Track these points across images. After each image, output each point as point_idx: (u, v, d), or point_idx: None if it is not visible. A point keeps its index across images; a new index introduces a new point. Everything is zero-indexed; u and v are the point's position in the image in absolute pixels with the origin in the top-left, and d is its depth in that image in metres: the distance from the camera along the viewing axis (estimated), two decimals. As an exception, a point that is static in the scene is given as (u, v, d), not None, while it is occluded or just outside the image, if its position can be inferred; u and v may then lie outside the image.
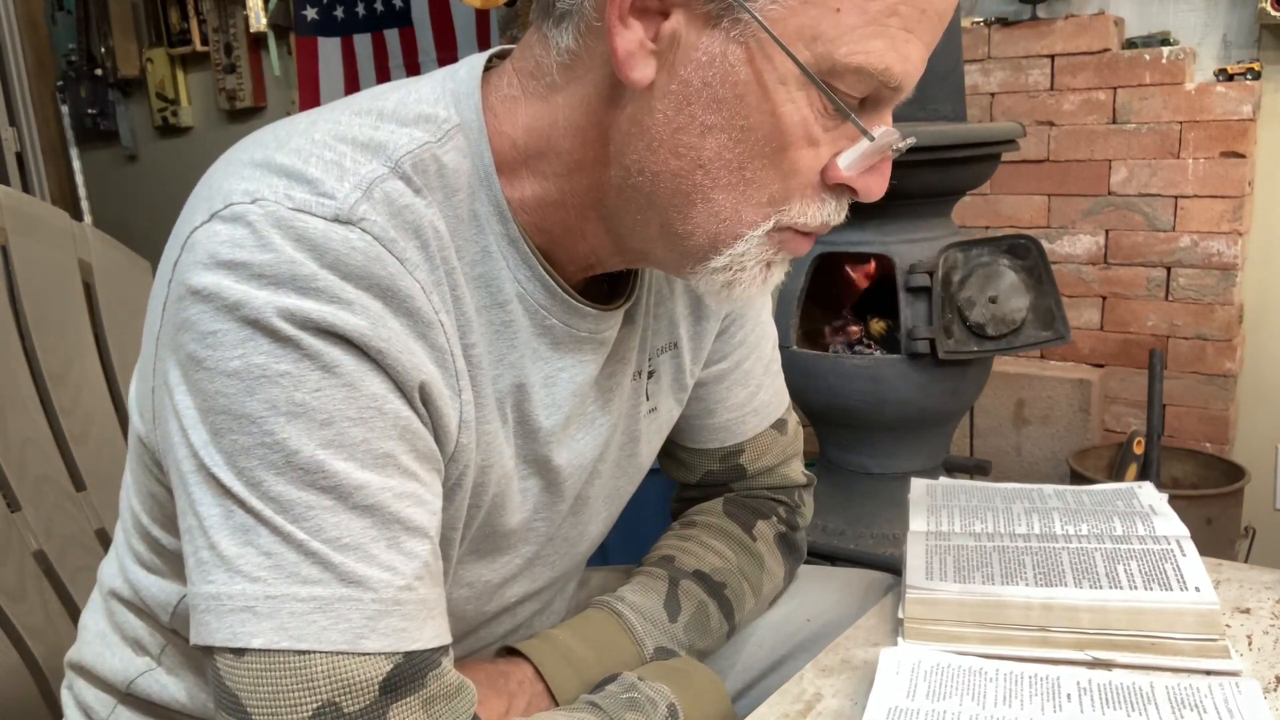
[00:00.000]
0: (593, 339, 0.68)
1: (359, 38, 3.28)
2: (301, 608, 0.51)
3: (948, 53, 1.75)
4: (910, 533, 0.88)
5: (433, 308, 0.56)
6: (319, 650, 0.51)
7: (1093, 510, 0.90)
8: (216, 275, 0.52)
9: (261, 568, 0.51)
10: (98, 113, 4.15)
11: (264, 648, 0.51)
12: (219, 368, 0.52)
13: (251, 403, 0.51)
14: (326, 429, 0.52)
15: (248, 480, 0.52)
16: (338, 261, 0.52)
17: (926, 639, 0.77)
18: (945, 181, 1.73)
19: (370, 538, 0.52)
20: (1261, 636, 0.79)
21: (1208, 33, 2.28)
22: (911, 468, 1.79)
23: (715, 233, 0.59)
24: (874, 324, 1.84)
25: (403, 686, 0.53)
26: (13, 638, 0.96)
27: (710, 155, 0.57)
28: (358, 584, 0.52)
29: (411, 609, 0.53)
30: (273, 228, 0.52)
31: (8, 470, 0.99)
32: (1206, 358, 2.30)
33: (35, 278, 1.06)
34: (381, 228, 0.54)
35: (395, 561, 0.53)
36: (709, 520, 0.88)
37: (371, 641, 0.52)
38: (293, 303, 0.51)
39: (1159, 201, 2.31)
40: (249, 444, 0.51)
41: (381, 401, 0.53)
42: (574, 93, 0.60)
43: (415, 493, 0.55)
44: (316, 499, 0.52)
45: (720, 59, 0.55)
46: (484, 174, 0.61)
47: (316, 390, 0.52)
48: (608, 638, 0.76)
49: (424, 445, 0.56)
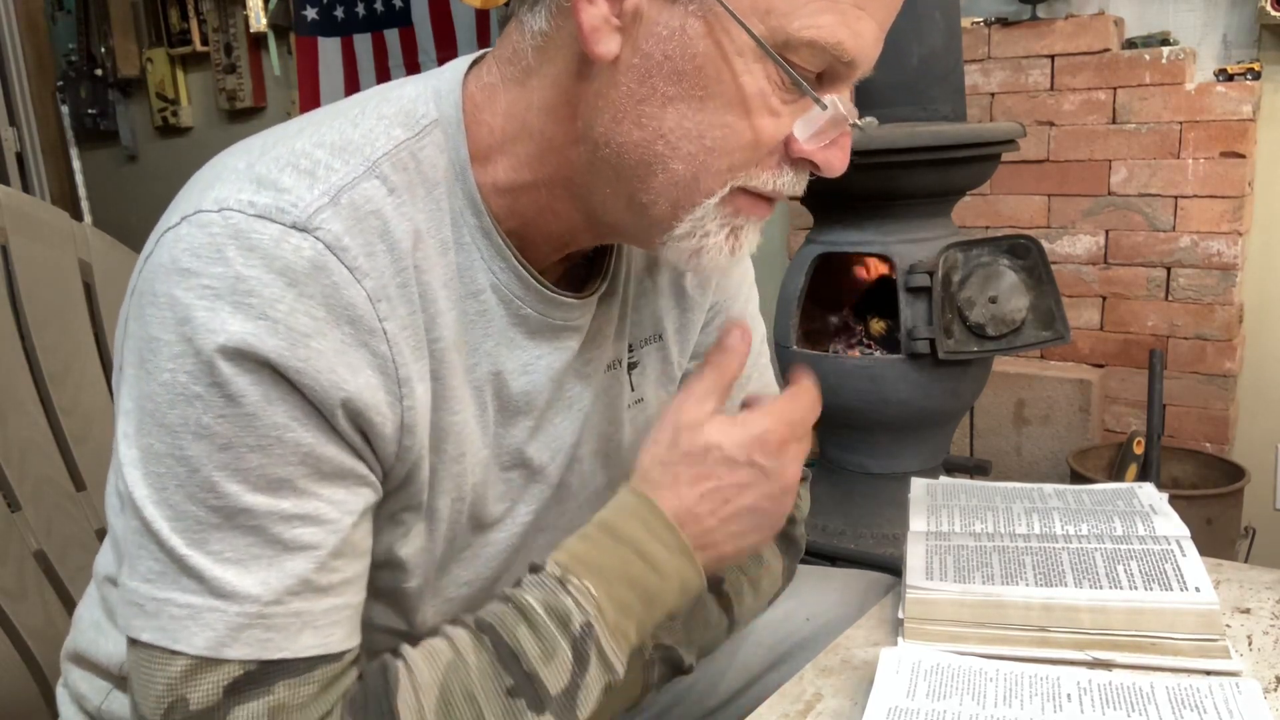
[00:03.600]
0: (568, 326, 0.70)
1: (359, 38, 3.28)
2: (179, 612, 0.56)
3: (948, 53, 1.75)
4: (910, 533, 0.88)
5: (377, 316, 0.58)
6: (186, 652, 0.55)
7: (1093, 510, 0.90)
8: (172, 283, 0.56)
9: (152, 571, 0.56)
10: (98, 113, 4.15)
11: (148, 642, 0.56)
12: (155, 375, 0.56)
13: (172, 415, 0.56)
14: (225, 453, 0.55)
15: (154, 484, 0.56)
16: (285, 268, 0.55)
17: (926, 639, 0.77)
18: (945, 181, 1.73)
19: (249, 555, 0.56)
20: (1261, 636, 0.79)
21: (1208, 33, 2.28)
22: (911, 468, 1.79)
23: (675, 199, 0.62)
24: (874, 324, 1.84)
25: (248, 691, 0.56)
26: (13, 638, 0.96)
27: (671, 125, 0.60)
28: (227, 597, 0.56)
29: (279, 622, 0.57)
30: (230, 239, 0.55)
31: (8, 470, 0.99)
32: (1206, 358, 2.30)
33: (35, 278, 1.06)
34: (335, 236, 0.57)
35: (269, 578, 0.56)
36: None
37: (232, 650, 0.56)
38: (222, 323, 0.54)
39: (1159, 201, 2.31)
40: (161, 451, 0.56)
41: (283, 430, 0.56)
42: (546, 73, 0.63)
43: (310, 512, 0.58)
44: (205, 515, 0.56)
45: (680, 32, 0.58)
46: (459, 168, 0.63)
47: (221, 416, 0.55)
48: None
49: (332, 466, 0.58)
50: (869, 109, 1.90)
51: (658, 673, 0.78)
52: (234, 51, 3.81)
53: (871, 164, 1.64)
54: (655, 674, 0.77)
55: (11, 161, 3.53)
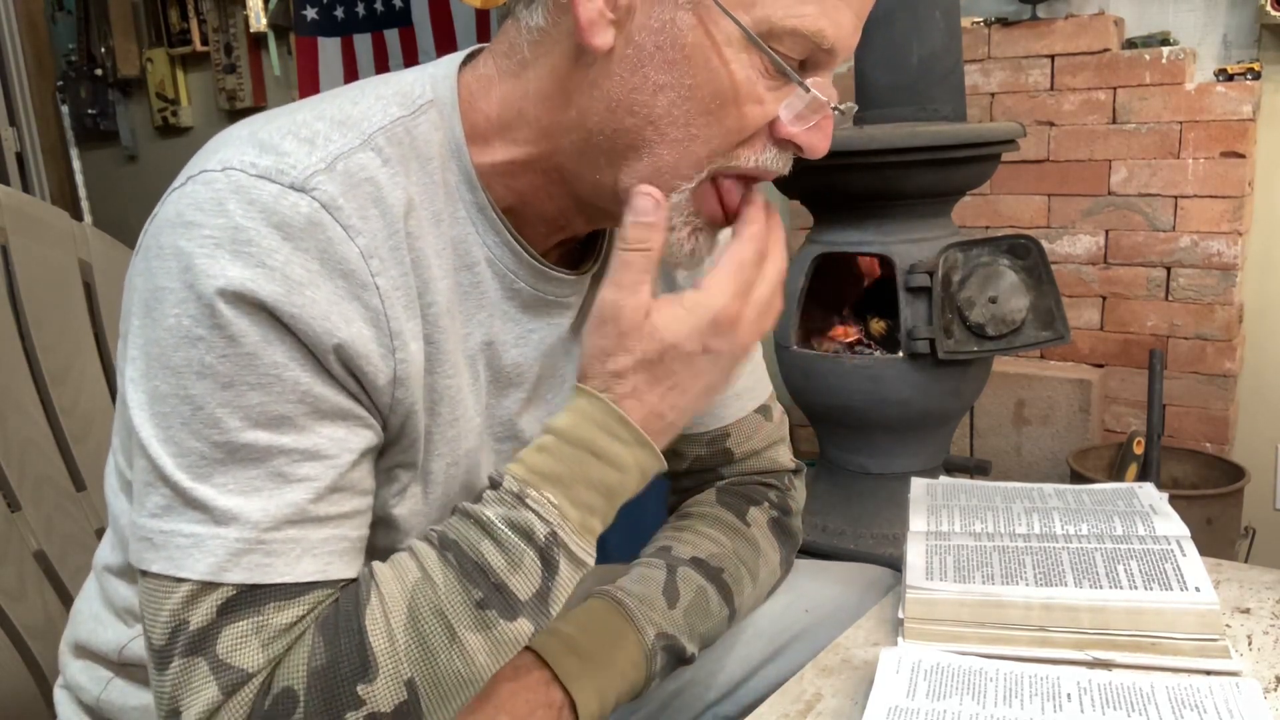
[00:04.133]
0: (559, 302, 0.73)
1: (359, 38, 3.28)
2: (184, 542, 0.59)
3: (948, 53, 1.75)
4: (910, 532, 0.88)
5: (370, 271, 0.61)
6: (189, 578, 0.59)
7: (1093, 510, 0.90)
8: (176, 235, 0.59)
9: (158, 508, 0.60)
10: (98, 113, 4.15)
11: (156, 573, 0.60)
12: (160, 321, 0.59)
13: (176, 357, 0.59)
14: (226, 391, 0.59)
15: (160, 424, 0.59)
16: (282, 223, 0.59)
17: (926, 639, 0.77)
18: (945, 181, 1.73)
19: (251, 487, 0.59)
20: (1261, 636, 0.79)
21: (1208, 33, 2.28)
22: (911, 468, 1.79)
23: (652, 182, 0.65)
24: (874, 324, 1.84)
25: (238, 611, 0.59)
26: (13, 638, 0.96)
27: (661, 112, 0.63)
28: (228, 524, 0.59)
29: (278, 548, 0.60)
30: (231, 194, 0.59)
31: (8, 470, 1.00)
32: (1206, 358, 2.30)
33: (35, 278, 1.06)
34: (330, 196, 0.60)
35: (269, 507, 0.59)
36: (703, 510, 0.89)
37: (230, 574, 0.59)
38: (222, 269, 0.58)
39: (1159, 201, 2.31)
40: (167, 392, 0.59)
41: (281, 369, 0.59)
42: (543, 65, 0.66)
43: (309, 448, 0.60)
44: (209, 450, 0.59)
45: (671, 24, 0.62)
46: (455, 146, 0.67)
47: (222, 356, 0.58)
48: (609, 626, 0.77)
49: (329, 405, 0.61)
50: (869, 109, 1.90)
51: (660, 662, 0.79)
52: (234, 51, 3.81)
53: (871, 164, 1.64)
54: (658, 663, 0.78)
55: (11, 161, 3.53)
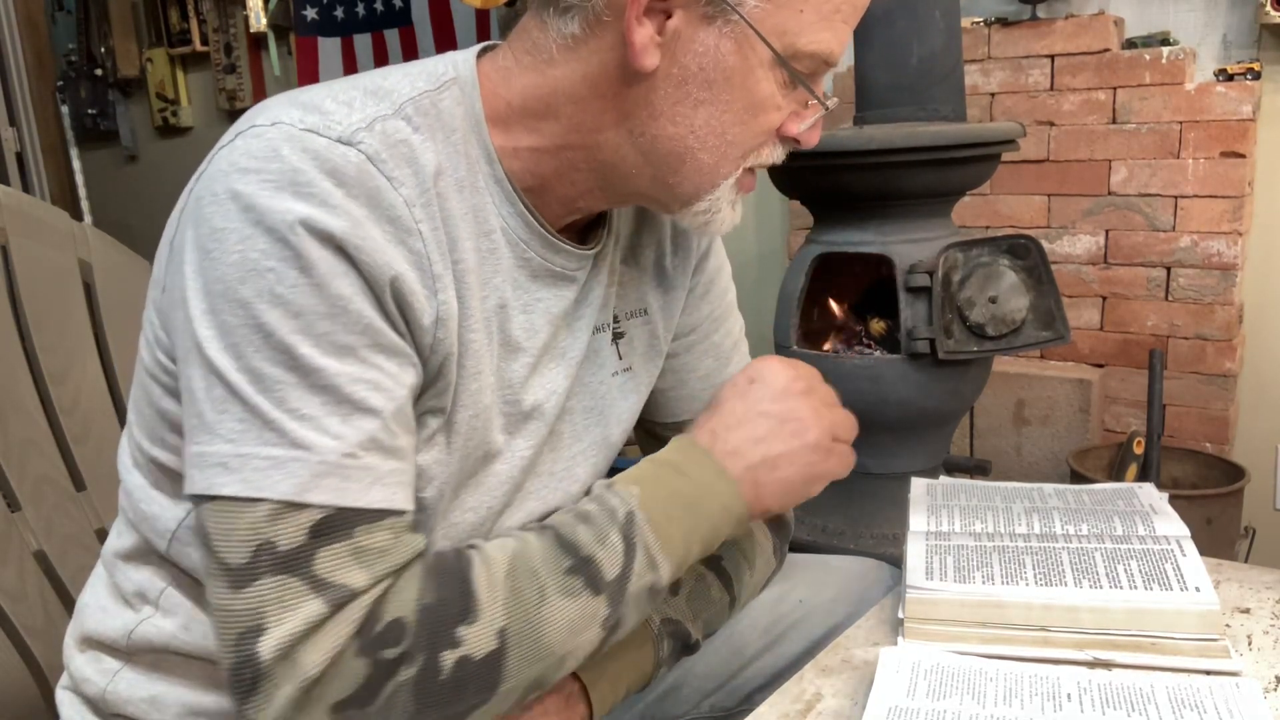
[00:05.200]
0: (565, 274, 0.78)
1: (359, 38, 3.28)
2: (261, 464, 0.61)
3: (948, 53, 1.75)
4: (910, 532, 0.88)
5: (414, 219, 0.66)
6: (270, 499, 0.60)
7: (1093, 510, 0.90)
8: (233, 180, 0.62)
9: (233, 432, 0.61)
10: (98, 113, 4.15)
11: (230, 495, 0.61)
12: (223, 259, 0.62)
13: (245, 290, 0.61)
14: (297, 319, 0.61)
15: (232, 354, 0.61)
16: (334, 170, 0.63)
17: (926, 639, 0.77)
18: (945, 181, 1.73)
19: (324, 412, 0.62)
20: (1261, 636, 0.79)
21: (1208, 33, 2.28)
22: (911, 468, 1.78)
23: (699, 183, 0.74)
24: (874, 324, 1.84)
25: (332, 534, 0.61)
26: (13, 638, 0.96)
27: (700, 124, 0.71)
28: (308, 448, 0.61)
29: (354, 473, 0.62)
30: (284, 142, 0.63)
31: (8, 470, 1.00)
32: (1206, 358, 2.30)
33: (35, 278, 1.06)
34: (374, 150, 0.65)
35: (343, 432, 0.62)
36: None
37: (313, 495, 0.61)
38: (289, 206, 0.61)
39: (1159, 201, 2.31)
40: (236, 324, 0.61)
41: (347, 301, 0.62)
42: (574, 69, 0.72)
43: (372, 379, 0.64)
44: (284, 375, 0.61)
45: (714, 50, 0.69)
46: (475, 121, 0.72)
47: (294, 286, 0.61)
48: None
49: (386, 340, 0.65)
50: (869, 109, 1.91)
51: (668, 648, 0.80)
52: (234, 51, 3.81)
53: (871, 164, 1.64)
54: (665, 649, 0.80)
55: (11, 161, 3.53)
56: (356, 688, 0.60)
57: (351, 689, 0.60)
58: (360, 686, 0.60)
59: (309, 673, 0.59)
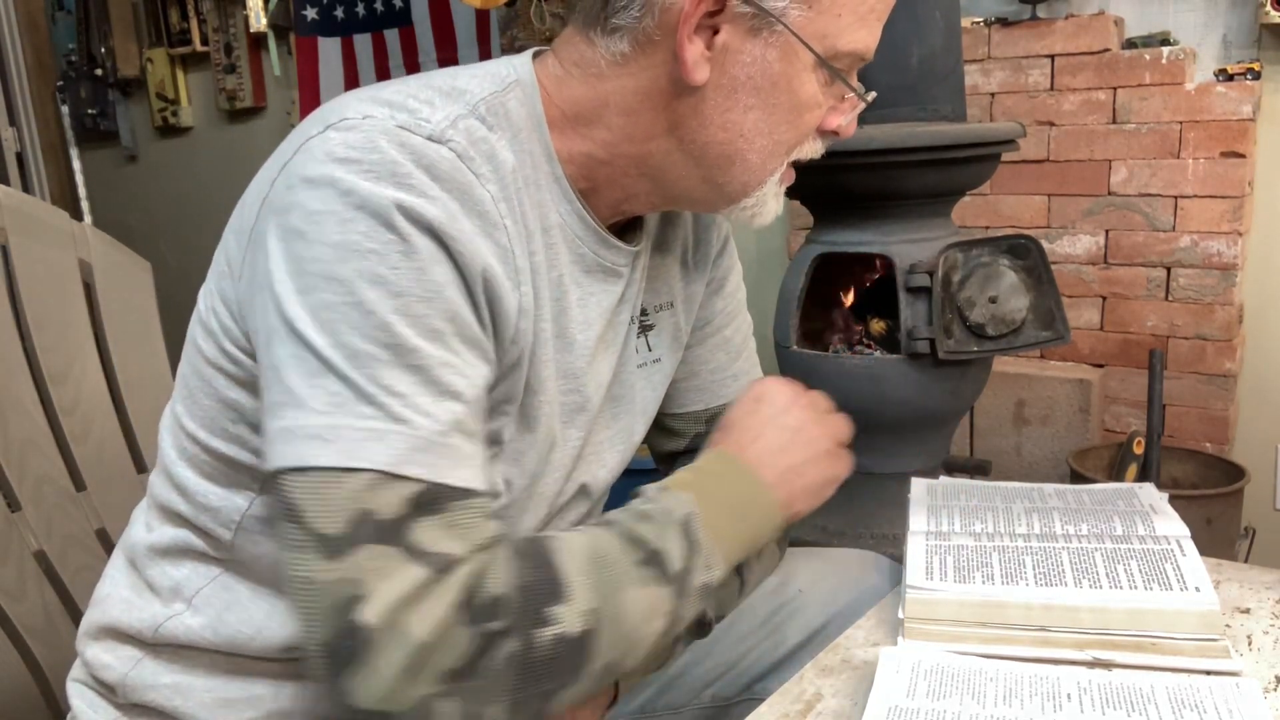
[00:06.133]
0: (615, 270, 0.81)
1: (359, 38, 3.28)
2: (358, 435, 0.61)
3: (948, 53, 1.75)
4: (910, 532, 0.88)
5: (499, 214, 0.69)
6: (368, 469, 0.61)
7: (1093, 510, 0.90)
8: (331, 168, 0.64)
9: (328, 405, 0.62)
10: (98, 113, 4.15)
11: (325, 465, 0.61)
12: (320, 239, 0.63)
13: (343, 269, 0.63)
14: (397, 299, 0.63)
15: (327, 330, 0.62)
16: (430, 166, 0.65)
17: (926, 639, 0.77)
18: (945, 181, 1.73)
19: (416, 390, 0.63)
20: (1261, 636, 0.79)
21: (1208, 33, 2.28)
22: (911, 468, 1.78)
23: (747, 181, 0.78)
24: (874, 324, 1.84)
25: (429, 507, 0.62)
26: (13, 638, 0.96)
27: (750, 127, 0.75)
28: (404, 422, 0.62)
29: (444, 451, 0.63)
30: (381, 135, 0.65)
31: (8, 470, 1.00)
32: (1206, 358, 2.30)
33: (35, 278, 1.06)
34: (464, 148, 0.68)
35: (435, 411, 0.63)
36: None
37: (410, 468, 0.62)
38: (391, 194, 0.63)
39: (1159, 201, 2.31)
40: (333, 301, 0.63)
41: (442, 288, 0.65)
42: (625, 84, 0.75)
43: (457, 365, 0.66)
44: (379, 352, 0.62)
45: (761, 59, 0.73)
46: (536, 121, 0.75)
47: (395, 268, 0.63)
48: None
49: (470, 332, 0.67)
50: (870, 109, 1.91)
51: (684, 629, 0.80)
52: (234, 51, 3.81)
53: (871, 164, 1.64)
54: None
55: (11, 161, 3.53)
56: (463, 659, 0.60)
57: (458, 660, 0.60)
58: (467, 657, 0.60)
59: (419, 638, 0.58)
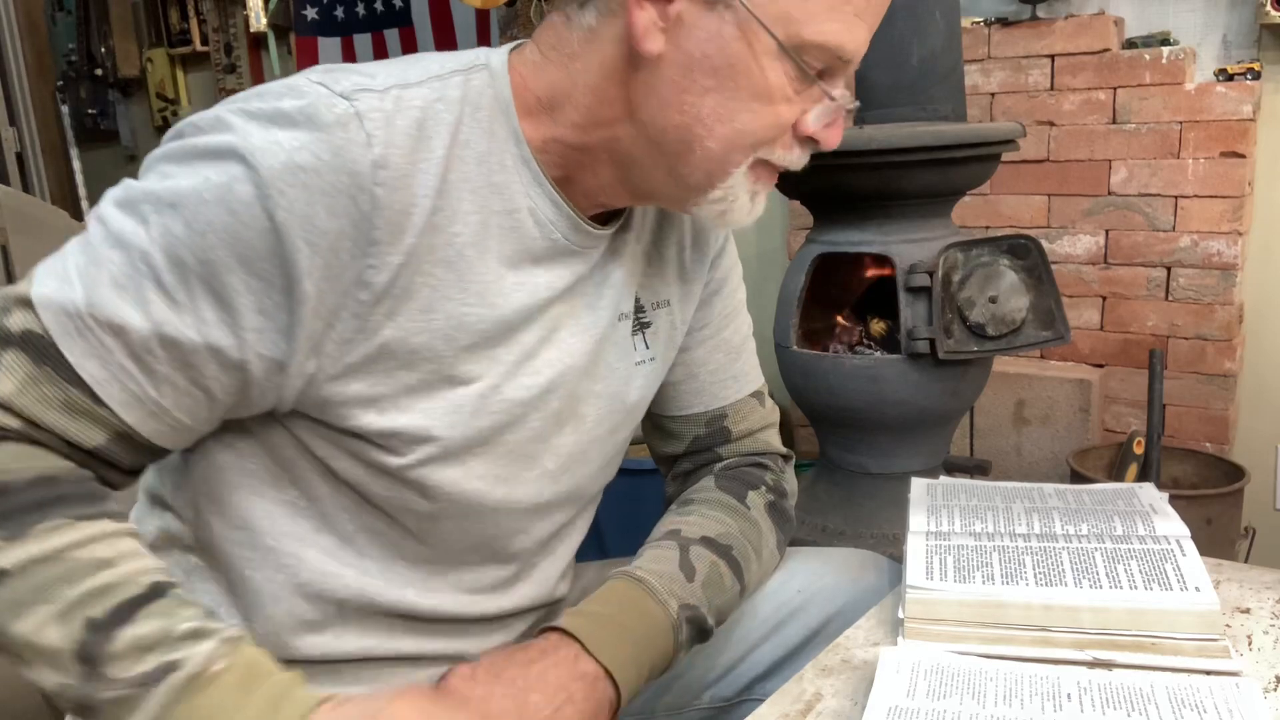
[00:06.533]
0: (583, 252, 0.79)
1: (359, 38, 3.28)
2: (67, 272, 0.68)
3: (948, 53, 1.75)
4: (910, 532, 0.88)
5: (374, 180, 0.66)
6: (34, 293, 0.68)
7: (1093, 510, 0.90)
8: (222, 105, 0.69)
9: (76, 246, 0.69)
10: (98, 113, 4.15)
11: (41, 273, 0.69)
12: (165, 154, 0.70)
13: (164, 178, 0.68)
14: (179, 220, 0.66)
15: (135, 217, 0.67)
16: (315, 114, 0.65)
17: (926, 639, 0.77)
18: (945, 181, 1.73)
19: (130, 290, 0.66)
20: (1261, 636, 0.79)
21: (1208, 33, 2.28)
22: (911, 468, 1.78)
23: (709, 171, 0.73)
24: (874, 324, 1.84)
25: (32, 348, 0.66)
26: (13, 638, 0.96)
27: (707, 111, 0.71)
28: (82, 285, 0.67)
29: (90, 336, 0.66)
30: (285, 89, 0.67)
31: (8, 470, 0.99)
32: (1206, 358, 2.30)
33: (35, 278, 1.05)
34: (370, 107, 0.66)
35: (125, 316, 0.66)
36: (704, 495, 0.93)
37: (48, 314, 0.66)
38: (243, 131, 0.65)
39: (1159, 201, 2.31)
40: (146, 201, 0.67)
41: (211, 230, 0.66)
42: (591, 60, 0.73)
43: (177, 304, 0.67)
44: (154, 251, 0.66)
45: (717, 35, 0.69)
46: (503, 105, 0.74)
47: (191, 193, 0.66)
48: (633, 600, 0.80)
49: (218, 285, 0.67)
50: (870, 109, 1.90)
51: (685, 633, 0.82)
52: (234, 51, 3.81)
53: (871, 164, 1.64)
54: (684, 634, 0.82)
55: (11, 161, 3.53)
56: None
57: None
58: None
59: None
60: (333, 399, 0.70)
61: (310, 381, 0.69)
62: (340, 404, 0.71)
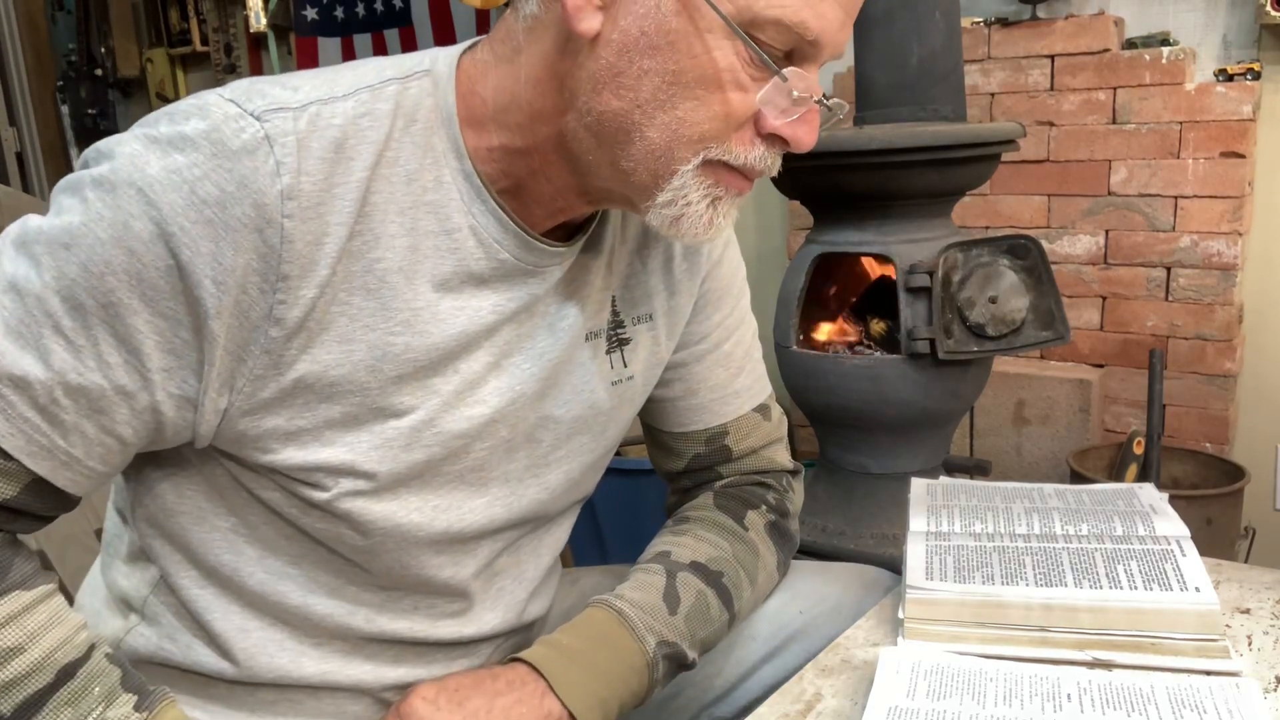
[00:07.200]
0: (538, 271, 0.73)
1: (359, 38, 3.28)
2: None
3: (948, 53, 1.75)
4: (910, 533, 0.88)
5: (283, 212, 0.62)
6: None
7: (1093, 510, 0.90)
8: (133, 127, 0.64)
9: None
10: (98, 113, 4.15)
11: None
12: (78, 182, 0.63)
13: (65, 211, 0.62)
14: (75, 258, 0.61)
15: (31, 260, 0.62)
16: (220, 140, 0.61)
17: (926, 639, 0.77)
18: (945, 181, 1.73)
19: (30, 339, 0.62)
20: (1261, 636, 0.79)
21: (1208, 33, 2.28)
22: (911, 468, 1.78)
23: (654, 168, 0.66)
24: (874, 324, 1.84)
25: None
26: (13, 638, 0.96)
27: (646, 96, 0.64)
28: None
29: None
30: (194, 108, 0.63)
31: (8, 470, 0.99)
32: (1206, 358, 2.30)
33: (35, 278, 1.05)
34: (280, 130, 0.62)
35: (21, 365, 0.62)
36: (701, 515, 0.90)
37: None
38: (145, 162, 0.61)
39: (1159, 201, 2.31)
40: (46, 236, 0.62)
41: (110, 268, 0.61)
42: (534, 51, 0.67)
43: (75, 345, 0.63)
44: (47, 294, 0.62)
45: (655, 11, 0.63)
46: (445, 115, 0.68)
47: (91, 228, 0.61)
48: (609, 636, 0.77)
49: (120, 323, 0.63)
50: (869, 109, 1.90)
51: (662, 670, 0.79)
52: (234, 51, 3.81)
53: (871, 164, 1.64)
54: (660, 671, 0.79)
55: (11, 161, 3.54)
56: None
57: None
58: None
59: None
60: (249, 433, 0.67)
61: (224, 417, 0.66)
62: (256, 438, 0.67)
